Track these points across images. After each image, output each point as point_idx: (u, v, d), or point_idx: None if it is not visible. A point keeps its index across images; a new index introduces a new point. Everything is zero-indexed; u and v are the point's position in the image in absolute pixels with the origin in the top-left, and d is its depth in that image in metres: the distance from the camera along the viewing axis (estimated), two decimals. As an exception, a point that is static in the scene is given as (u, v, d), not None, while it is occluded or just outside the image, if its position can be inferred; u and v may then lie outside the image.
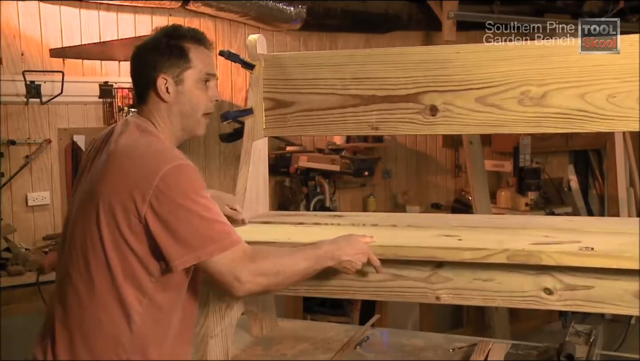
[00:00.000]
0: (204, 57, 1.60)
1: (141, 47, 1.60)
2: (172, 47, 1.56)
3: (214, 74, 1.63)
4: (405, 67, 1.87)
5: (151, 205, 1.41)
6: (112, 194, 1.43)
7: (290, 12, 3.99)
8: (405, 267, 1.64)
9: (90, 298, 1.46)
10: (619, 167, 4.98)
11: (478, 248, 1.56)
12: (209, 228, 1.44)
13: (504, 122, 1.79)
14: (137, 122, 1.57)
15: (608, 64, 1.68)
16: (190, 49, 1.57)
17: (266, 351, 2.01)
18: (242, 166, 2.00)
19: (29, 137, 3.35)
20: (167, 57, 1.56)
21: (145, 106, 1.59)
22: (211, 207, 1.47)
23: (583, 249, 1.50)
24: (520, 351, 1.91)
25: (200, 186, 1.47)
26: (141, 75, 1.59)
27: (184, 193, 1.42)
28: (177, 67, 1.56)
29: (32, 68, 3.30)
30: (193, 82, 1.58)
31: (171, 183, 1.41)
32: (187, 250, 1.43)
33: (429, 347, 2.03)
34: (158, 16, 3.72)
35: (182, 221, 1.42)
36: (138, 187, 1.41)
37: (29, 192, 3.35)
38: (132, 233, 1.43)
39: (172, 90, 1.56)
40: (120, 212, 1.42)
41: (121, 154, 1.48)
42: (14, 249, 3.10)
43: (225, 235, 1.46)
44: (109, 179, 1.46)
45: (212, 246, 1.44)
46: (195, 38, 1.60)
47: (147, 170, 1.43)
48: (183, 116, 1.58)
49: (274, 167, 3.94)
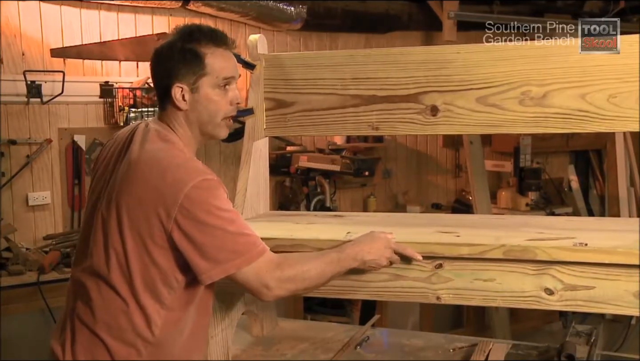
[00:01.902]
0: (222, 60, 1.55)
1: (158, 53, 1.56)
2: (186, 52, 1.52)
3: (233, 77, 1.58)
4: (405, 67, 1.87)
5: (177, 221, 1.42)
6: (136, 207, 1.45)
7: (291, 12, 3.99)
8: (406, 267, 1.64)
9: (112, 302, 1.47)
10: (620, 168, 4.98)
11: (475, 244, 1.58)
12: (234, 242, 1.46)
13: (505, 122, 1.79)
14: (158, 130, 1.55)
15: (608, 64, 1.68)
16: (207, 54, 1.53)
17: (266, 351, 2.01)
18: (242, 166, 2.00)
19: (30, 137, 3.35)
20: (182, 64, 1.52)
21: (164, 112, 1.58)
22: (235, 219, 1.48)
23: (577, 245, 1.51)
24: (521, 352, 1.91)
25: (224, 199, 1.48)
26: (158, 82, 1.57)
27: (208, 210, 1.43)
28: (192, 75, 1.52)
29: (33, 68, 3.30)
30: (210, 89, 1.54)
31: (196, 199, 1.42)
32: (214, 265, 1.45)
33: (429, 347, 2.03)
34: (158, 16, 3.72)
35: (208, 236, 1.43)
36: (163, 203, 1.42)
37: (29, 192, 3.35)
38: (156, 247, 1.45)
39: (188, 98, 1.53)
40: (144, 226, 1.44)
41: (144, 165, 1.48)
42: (15, 248, 3.10)
43: (251, 247, 1.48)
44: (133, 190, 1.46)
45: (238, 259, 1.46)
46: (213, 40, 1.55)
47: (171, 186, 1.43)
48: (201, 122, 1.57)
49: (275, 167, 3.94)
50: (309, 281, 1.54)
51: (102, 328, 1.47)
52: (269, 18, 3.97)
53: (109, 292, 1.48)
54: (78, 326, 1.50)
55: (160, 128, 1.56)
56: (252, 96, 2.02)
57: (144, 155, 1.49)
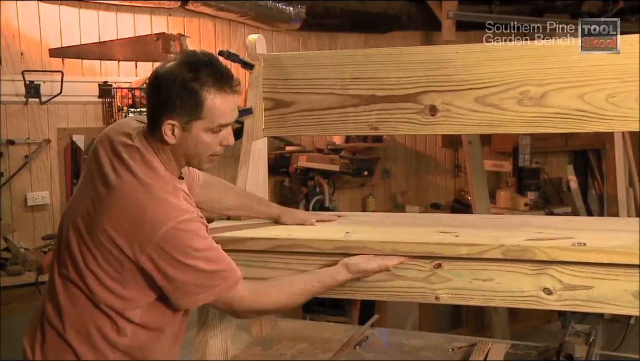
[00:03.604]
0: (222, 107, 1.48)
1: (159, 77, 1.48)
2: (187, 91, 1.44)
3: (228, 124, 1.52)
4: (404, 67, 1.86)
5: (150, 257, 1.44)
6: (113, 233, 1.45)
7: (290, 12, 3.99)
8: (405, 267, 1.64)
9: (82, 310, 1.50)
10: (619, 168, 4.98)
11: (474, 244, 1.58)
12: (207, 279, 1.49)
13: (504, 122, 1.79)
14: (143, 154, 1.51)
15: (608, 64, 1.68)
16: (207, 98, 1.45)
17: (265, 351, 2.01)
18: (241, 166, 2.00)
19: (28, 137, 3.34)
20: (179, 102, 1.45)
21: (152, 137, 1.52)
22: (211, 257, 1.50)
23: (575, 245, 1.52)
24: (520, 351, 1.91)
25: (201, 238, 1.49)
26: (151, 107, 1.51)
27: (183, 251, 1.45)
28: (187, 116, 1.46)
29: (32, 68, 3.30)
30: (202, 132, 1.49)
31: (171, 242, 1.44)
32: (186, 297, 1.50)
33: (428, 347, 2.03)
34: (157, 16, 3.72)
35: (181, 274, 1.46)
36: (137, 238, 1.44)
37: (28, 192, 3.35)
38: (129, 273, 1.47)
39: (177, 134, 1.48)
40: (118, 252, 1.45)
41: (126, 194, 1.47)
42: (13, 249, 3.10)
43: (222, 281, 1.51)
44: (112, 217, 1.46)
45: (208, 293, 1.50)
46: (218, 83, 1.47)
47: (149, 224, 1.43)
48: (187, 156, 1.54)
49: (274, 167, 3.94)
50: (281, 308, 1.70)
51: (71, 333, 1.50)
52: (268, 18, 3.97)
53: (79, 300, 1.50)
54: (47, 329, 1.53)
55: (145, 152, 1.52)
56: (251, 96, 2.01)
57: (127, 182, 1.48)
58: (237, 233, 1.79)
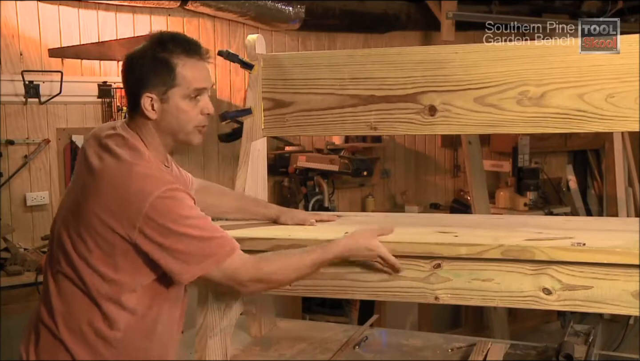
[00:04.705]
0: (194, 71, 1.53)
1: (129, 59, 1.55)
2: (158, 62, 1.51)
3: (204, 88, 1.56)
4: (403, 67, 1.87)
5: (142, 231, 1.44)
6: (102, 216, 1.45)
7: (289, 12, 3.99)
8: (404, 267, 1.64)
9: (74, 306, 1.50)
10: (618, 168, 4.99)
11: (474, 244, 1.58)
12: (202, 245, 1.48)
13: (503, 122, 1.79)
14: (125, 137, 1.54)
15: (607, 64, 1.69)
16: (178, 64, 1.51)
17: (265, 351, 2.01)
18: (241, 166, 2.00)
19: (28, 137, 3.34)
20: (152, 74, 1.51)
21: (134, 119, 1.56)
22: (201, 225, 1.50)
23: (575, 245, 1.52)
24: (519, 351, 1.91)
25: (189, 207, 1.49)
26: (128, 89, 1.56)
27: (173, 219, 1.45)
28: (162, 85, 1.51)
29: (31, 68, 3.30)
30: (180, 100, 1.53)
31: (160, 209, 1.44)
32: (186, 268, 1.48)
33: (428, 347, 2.03)
34: (157, 16, 3.71)
35: (175, 243, 1.46)
36: (126, 215, 1.44)
37: (27, 192, 3.34)
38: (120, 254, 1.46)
39: (157, 107, 1.52)
40: (109, 234, 1.45)
41: (110, 175, 1.48)
42: (13, 249, 3.10)
43: (218, 249, 1.50)
44: (99, 200, 1.47)
45: (207, 261, 1.49)
46: (186, 51, 1.53)
47: (135, 196, 1.44)
48: (172, 131, 1.56)
49: (273, 167, 3.93)
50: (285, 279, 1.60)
51: (64, 331, 1.50)
52: (268, 18, 3.96)
53: (72, 295, 1.50)
54: (42, 329, 1.53)
55: (129, 136, 1.54)
56: (250, 96, 2.02)
57: (110, 165, 1.49)
58: (235, 233, 1.78)
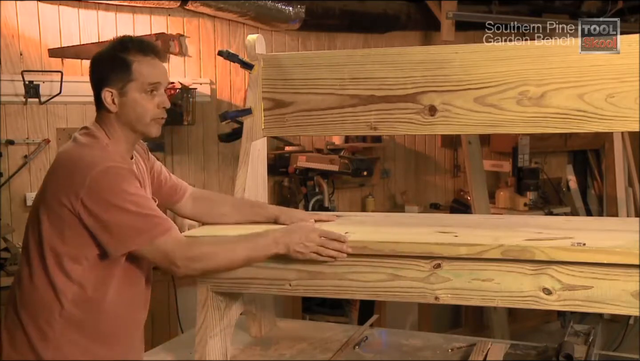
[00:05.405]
0: (148, 68, 1.67)
1: (93, 60, 1.72)
2: (117, 60, 1.66)
3: (158, 83, 1.69)
4: (403, 67, 1.87)
5: (83, 202, 1.55)
6: (52, 196, 1.60)
7: (289, 12, 3.99)
8: (404, 267, 1.64)
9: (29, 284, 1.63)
10: (618, 168, 4.99)
11: (474, 244, 1.57)
12: (137, 221, 1.58)
13: (503, 122, 1.79)
14: (90, 128, 1.69)
15: (607, 64, 1.68)
16: (134, 61, 1.66)
17: (265, 351, 2.01)
18: (240, 166, 2.00)
19: (28, 137, 3.35)
20: (111, 71, 1.66)
21: (99, 114, 1.71)
22: (140, 202, 1.60)
23: (575, 245, 1.52)
24: (519, 351, 1.91)
25: (132, 185, 1.61)
26: (93, 86, 1.70)
27: (114, 192, 1.57)
28: (120, 81, 1.65)
29: (31, 68, 3.30)
30: (137, 93, 1.66)
31: (102, 182, 1.56)
32: (119, 241, 1.59)
33: (428, 347, 2.03)
34: (157, 16, 3.72)
35: (112, 215, 1.56)
36: (72, 187, 1.56)
37: (27, 192, 3.35)
38: (67, 226, 1.58)
39: (117, 101, 1.66)
40: (57, 207, 1.58)
41: (64, 156, 1.64)
42: (13, 249, 3.10)
43: (153, 226, 1.59)
44: (53, 180, 1.62)
45: (141, 237, 1.59)
46: (142, 49, 1.67)
47: (81, 170, 1.57)
48: (130, 122, 1.68)
49: (273, 167, 3.93)
50: (219, 261, 1.67)
51: (22, 310, 1.62)
52: (268, 18, 3.97)
53: (28, 273, 1.63)
54: (9, 310, 1.67)
55: (93, 128, 1.69)
56: (250, 96, 2.02)
57: (67, 147, 1.66)
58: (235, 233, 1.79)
